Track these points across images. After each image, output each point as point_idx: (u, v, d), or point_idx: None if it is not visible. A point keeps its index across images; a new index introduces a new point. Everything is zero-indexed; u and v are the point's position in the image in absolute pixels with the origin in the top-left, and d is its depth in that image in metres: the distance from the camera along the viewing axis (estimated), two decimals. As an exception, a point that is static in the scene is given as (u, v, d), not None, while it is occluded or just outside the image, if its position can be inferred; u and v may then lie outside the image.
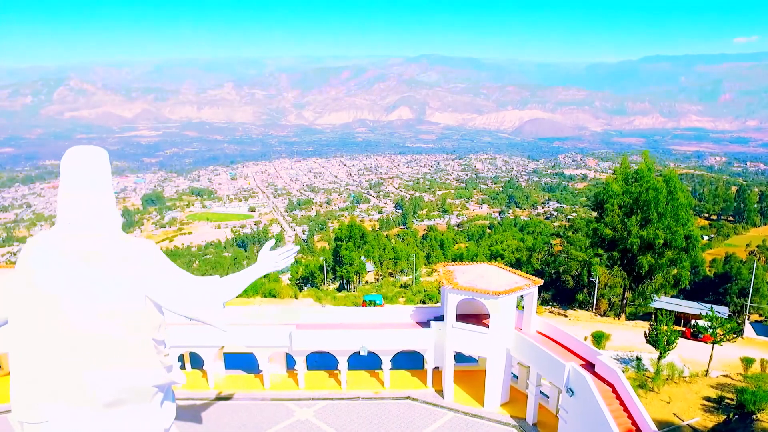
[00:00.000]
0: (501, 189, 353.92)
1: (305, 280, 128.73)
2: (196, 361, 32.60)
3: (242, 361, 32.61)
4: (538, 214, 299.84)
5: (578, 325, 49.30)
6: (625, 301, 56.22)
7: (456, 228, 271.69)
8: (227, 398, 29.68)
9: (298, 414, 27.94)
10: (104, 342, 10.82)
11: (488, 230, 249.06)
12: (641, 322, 50.34)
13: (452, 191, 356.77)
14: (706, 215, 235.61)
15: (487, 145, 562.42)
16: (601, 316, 52.95)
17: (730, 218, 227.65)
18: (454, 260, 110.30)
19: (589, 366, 25.40)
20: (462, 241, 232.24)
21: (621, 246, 53.98)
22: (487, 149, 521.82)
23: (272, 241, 12.51)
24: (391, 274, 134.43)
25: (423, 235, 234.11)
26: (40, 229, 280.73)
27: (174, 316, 12.07)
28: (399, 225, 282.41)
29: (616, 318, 53.03)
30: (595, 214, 63.52)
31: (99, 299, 10.62)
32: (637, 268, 52.76)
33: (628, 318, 53.41)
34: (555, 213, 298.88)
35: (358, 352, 28.99)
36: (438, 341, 29.64)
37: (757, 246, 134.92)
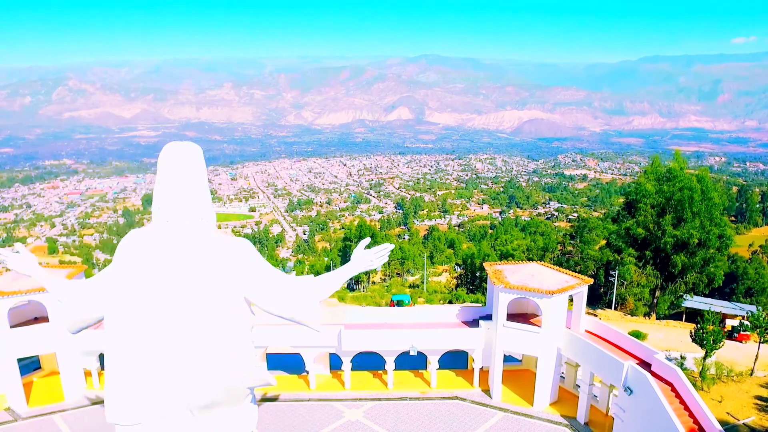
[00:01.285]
0: (501, 189, 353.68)
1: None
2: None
3: (285, 362, 32.25)
4: (539, 214, 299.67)
5: (609, 324, 49.05)
6: (655, 301, 56.05)
7: (457, 228, 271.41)
8: (273, 399, 29.39)
9: (348, 415, 27.65)
10: (204, 343, 10.60)
11: (490, 230, 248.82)
12: (672, 321, 50.20)
13: (453, 191, 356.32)
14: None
15: (487, 145, 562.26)
16: (631, 315, 52.78)
17: (732, 218, 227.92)
18: (464, 260, 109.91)
19: (645, 365, 25.17)
20: (464, 242, 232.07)
21: (654, 245, 53.79)
22: (487, 149, 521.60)
23: (367, 240, 12.20)
24: (398, 274, 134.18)
25: (425, 236, 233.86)
26: (40, 229, 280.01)
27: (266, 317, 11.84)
28: (400, 225, 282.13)
29: (646, 317, 52.87)
30: (596, 213, 63.16)
31: (199, 299, 10.39)
32: (670, 267, 52.63)
33: (658, 318, 53.23)
34: (556, 213, 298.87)
35: (408, 352, 28.70)
36: (487, 341, 29.39)
37: (760, 246, 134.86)
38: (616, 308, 57.41)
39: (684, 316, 51.23)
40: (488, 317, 30.40)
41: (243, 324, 10.91)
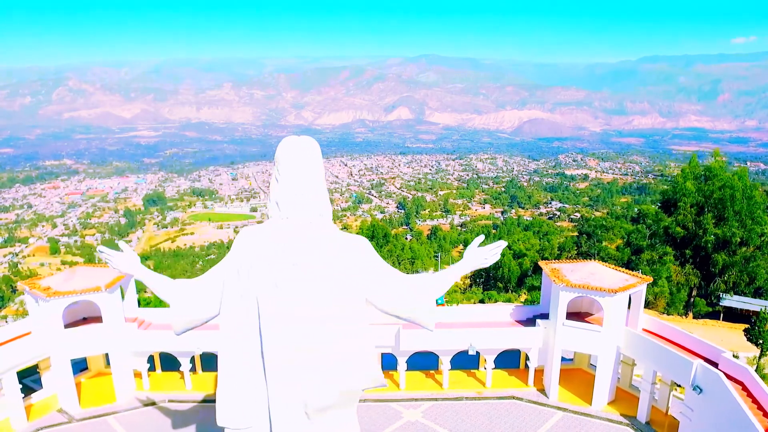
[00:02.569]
0: (503, 189, 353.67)
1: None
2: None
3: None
4: (540, 214, 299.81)
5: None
6: (692, 300, 55.81)
7: (459, 228, 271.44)
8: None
9: (407, 415, 27.32)
10: (326, 344, 10.37)
11: (493, 230, 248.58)
12: (709, 320, 49.95)
13: (454, 191, 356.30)
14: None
15: (487, 145, 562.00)
16: (666, 314, 52.51)
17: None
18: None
19: (711, 364, 24.83)
20: (467, 241, 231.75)
21: (694, 244, 53.58)
22: (487, 149, 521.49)
23: (481, 237, 12.03)
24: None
25: (427, 235, 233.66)
26: (41, 229, 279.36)
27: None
28: (402, 225, 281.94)
29: (681, 317, 52.58)
30: (598, 213, 62.93)
31: (325, 300, 10.17)
32: (711, 266, 52.44)
33: (695, 317, 52.98)
34: (558, 213, 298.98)
35: (466, 352, 28.37)
36: (545, 340, 29.09)
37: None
38: (647, 307, 57.02)
39: (721, 315, 50.98)
40: (542, 316, 30.13)
41: (364, 324, 10.68)
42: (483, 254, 11.41)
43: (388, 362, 30.58)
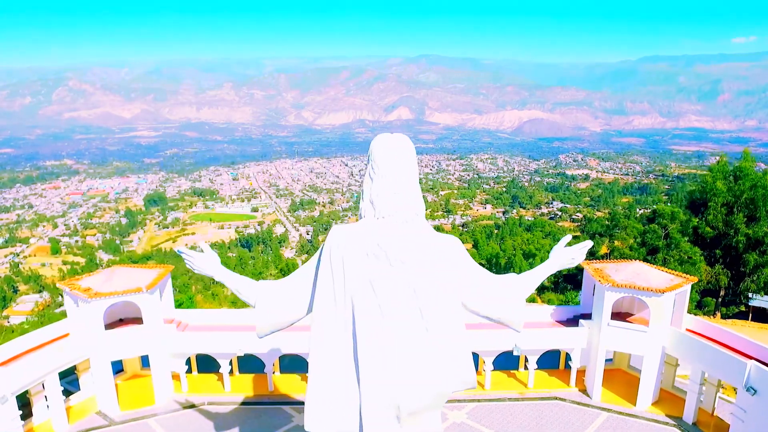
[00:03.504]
0: (504, 189, 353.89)
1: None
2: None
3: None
4: (542, 214, 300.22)
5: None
6: (720, 300, 55.68)
7: (461, 228, 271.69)
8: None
9: (452, 416, 27.09)
10: (423, 345, 10.12)
11: (495, 230, 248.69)
12: (738, 320, 49.78)
13: (455, 191, 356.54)
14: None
15: (487, 145, 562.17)
16: (692, 314, 52.22)
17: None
18: (489, 260, 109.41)
19: (763, 365, 24.58)
20: (469, 241, 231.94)
21: (724, 243, 53.45)
22: (488, 149, 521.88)
23: (568, 237, 11.74)
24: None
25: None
26: (42, 229, 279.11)
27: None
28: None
29: (709, 316, 52.41)
30: (599, 213, 62.85)
31: (422, 301, 9.78)
32: (741, 265, 52.32)
33: (723, 317, 52.84)
34: (559, 213, 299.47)
35: (511, 352, 28.16)
36: (588, 340, 28.89)
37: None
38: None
39: (750, 315, 50.85)
40: (583, 316, 29.95)
41: (461, 325, 10.44)
42: (570, 254, 11.15)
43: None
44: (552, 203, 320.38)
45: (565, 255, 11.12)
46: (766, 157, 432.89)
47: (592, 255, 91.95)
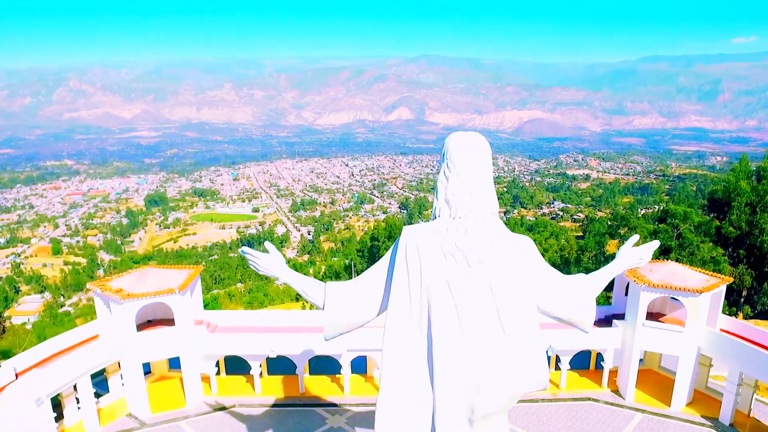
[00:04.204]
0: (505, 189, 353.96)
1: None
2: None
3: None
4: (543, 214, 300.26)
5: (747, 323, 48.55)
6: (743, 300, 55.46)
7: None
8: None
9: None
10: (500, 347, 9.93)
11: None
12: (761, 320, 49.51)
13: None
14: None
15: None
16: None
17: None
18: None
19: (801, 366, 24.41)
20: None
21: (747, 243, 53.23)
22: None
23: (636, 237, 11.61)
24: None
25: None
26: (43, 230, 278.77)
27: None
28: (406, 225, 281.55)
29: (732, 316, 52.10)
30: (601, 213, 62.62)
31: (498, 302, 9.60)
32: (766, 265, 52.09)
33: (746, 317, 52.61)
34: (561, 213, 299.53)
35: (546, 353, 27.93)
36: (622, 340, 28.70)
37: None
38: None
39: (773, 315, 50.70)
40: (615, 316, 29.80)
41: (536, 326, 10.19)
42: (638, 254, 11.01)
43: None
44: (553, 203, 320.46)
45: (634, 255, 11.00)
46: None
47: (602, 255, 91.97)
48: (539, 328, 10.28)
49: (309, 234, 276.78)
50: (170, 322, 27.49)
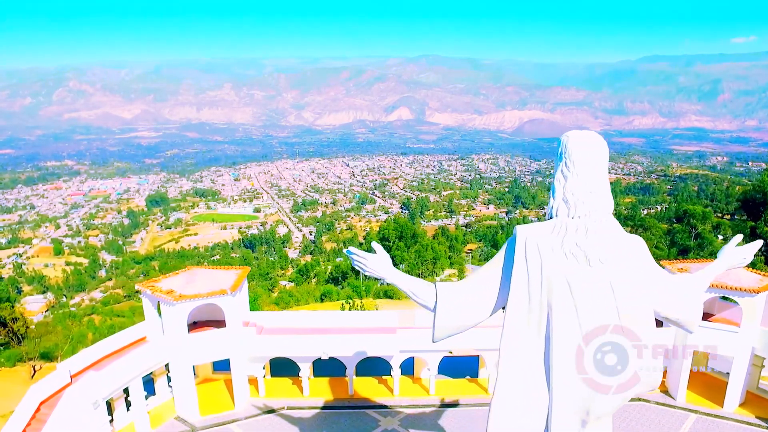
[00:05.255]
0: (506, 189, 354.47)
1: (335, 281, 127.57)
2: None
3: (457, 366, 30.96)
4: (545, 214, 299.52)
5: None
6: None
7: (464, 228, 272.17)
8: (453, 405, 28.13)
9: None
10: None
11: (500, 232, 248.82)
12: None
13: (457, 192, 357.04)
14: (720, 215, 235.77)
15: (488, 145, 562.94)
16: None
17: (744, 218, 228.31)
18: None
19: None
20: (473, 242, 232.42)
21: None
22: (489, 149, 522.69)
23: (739, 237, 11.59)
24: (425, 275, 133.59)
25: (433, 235, 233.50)
26: (45, 230, 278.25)
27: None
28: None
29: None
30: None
31: (618, 300, 9.52)
32: None
33: None
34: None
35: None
36: (675, 340, 28.43)
37: None
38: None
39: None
40: (663, 317, 29.44)
41: (653, 326, 9.92)
42: (742, 254, 10.96)
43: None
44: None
45: (737, 255, 10.96)
46: (767, 157, 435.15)
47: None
48: (655, 329, 10.25)
49: (311, 234, 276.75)
50: (216, 324, 27.17)
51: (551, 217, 10.13)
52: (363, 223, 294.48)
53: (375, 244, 11.06)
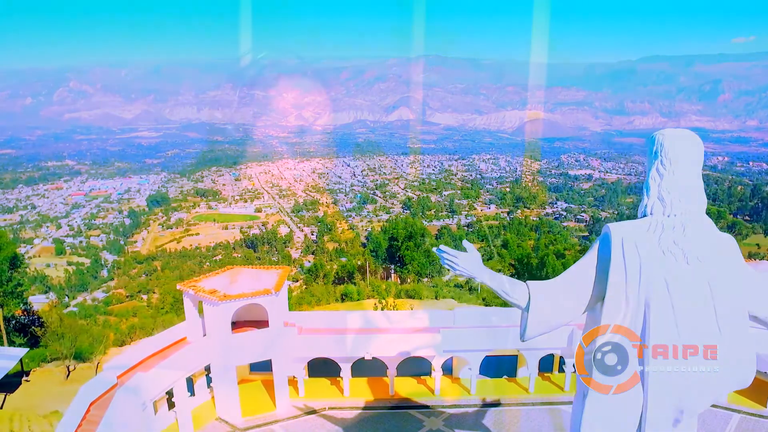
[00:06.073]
0: (508, 189, 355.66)
1: (341, 280, 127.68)
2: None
3: (495, 365, 30.78)
4: (547, 215, 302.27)
5: None
6: None
7: (466, 228, 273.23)
8: (495, 405, 27.93)
9: (567, 418, 26.60)
10: (718, 348, 9.68)
11: (503, 232, 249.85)
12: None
13: (459, 191, 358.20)
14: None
15: (489, 145, 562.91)
16: None
17: (747, 218, 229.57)
18: (519, 260, 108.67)
19: None
20: (476, 242, 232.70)
21: None
22: (489, 149, 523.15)
23: None
24: (433, 274, 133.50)
25: (435, 235, 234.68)
26: (46, 230, 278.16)
27: None
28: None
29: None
30: (604, 213, 62.24)
31: (716, 299, 9.59)
32: None
33: None
34: (564, 213, 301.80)
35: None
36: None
37: None
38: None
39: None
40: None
41: (748, 325, 9.99)
42: None
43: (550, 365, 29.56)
44: (556, 203, 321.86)
45: None
46: (767, 157, 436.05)
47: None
48: (749, 328, 10.29)
49: (312, 234, 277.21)
50: (254, 324, 26.97)
51: (644, 215, 10.21)
52: (364, 223, 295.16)
53: (466, 243, 10.99)
